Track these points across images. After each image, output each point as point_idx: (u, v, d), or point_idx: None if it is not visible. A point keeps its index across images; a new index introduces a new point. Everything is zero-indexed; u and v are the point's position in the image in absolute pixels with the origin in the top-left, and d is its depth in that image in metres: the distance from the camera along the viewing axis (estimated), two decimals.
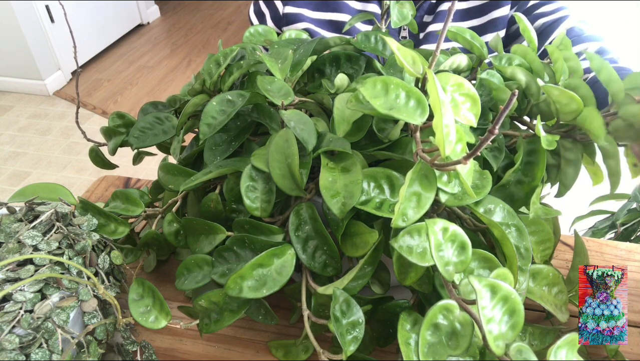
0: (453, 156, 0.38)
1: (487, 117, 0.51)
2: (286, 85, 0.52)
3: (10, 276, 0.45)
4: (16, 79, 2.71)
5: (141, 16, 3.44)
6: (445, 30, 0.40)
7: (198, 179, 0.50)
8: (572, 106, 0.45)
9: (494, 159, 0.48)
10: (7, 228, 0.49)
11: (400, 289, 0.50)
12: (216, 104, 0.52)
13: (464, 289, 0.37)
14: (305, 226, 0.47)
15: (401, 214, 0.39)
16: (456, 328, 0.37)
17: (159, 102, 0.67)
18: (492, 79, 0.51)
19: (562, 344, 0.34)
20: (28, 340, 0.43)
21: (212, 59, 0.59)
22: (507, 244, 0.42)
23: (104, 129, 0.66)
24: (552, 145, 0.45)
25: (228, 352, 0.55)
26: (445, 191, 0.41)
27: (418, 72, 0.42)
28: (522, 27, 0.56)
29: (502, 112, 0.30)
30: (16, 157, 2.27)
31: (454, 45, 0.77)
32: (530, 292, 0.46)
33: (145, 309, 0.47)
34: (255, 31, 0.67)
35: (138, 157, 0.69)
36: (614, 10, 2.16)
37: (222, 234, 0.50)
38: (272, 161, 0.46)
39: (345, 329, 0.42)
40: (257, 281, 0.44)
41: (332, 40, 0.61)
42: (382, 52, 0.59)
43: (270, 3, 0.89)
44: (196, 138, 0.58)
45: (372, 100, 0.40)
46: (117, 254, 0.54)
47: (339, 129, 0.48)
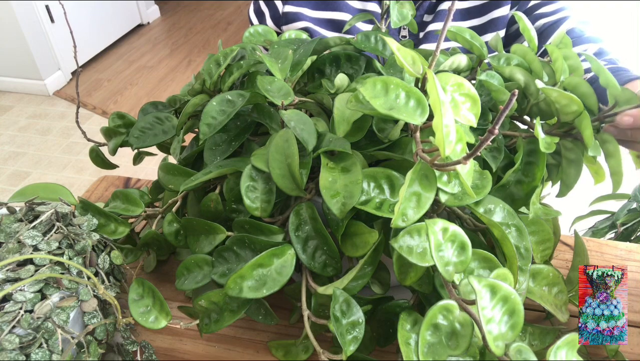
0: (453, 156, 0.38)
1: (487, 118, 0.51)
2: (286, 85, 0.52)
3: (10, 276, 0.45)
4: (16, 79, 2.71)
5: (141, 16, 3.44)
6: (445, 30, 0.40)
7: (198, 179, 0.50)
8: (572, 107, 0.45)
9: (493, 159, 0.48)
10: (7, 228, 0.49)
11: (400, 289, 0.50)
12: (216, 104, 0.52)
13: (464, 290, 0.37)
14: (305, 226, 0.47)
15: (401, 214, 0.39)
16: (456, 328, 0.37)
17: (159, 102, 0.67)
18: (491, 81, 0.51)
19: (562, 344, 0.34)
20: (28, 340, 0.43)
21: (212, 59, 0.59)
22: (507, 244, 0.42)
23: (104, 130, 0.67)
24: (551, 148, 0.45)
25: (228, 352, 0.55)
26: (445, 191, 0.41)
27: (418, 72, 0.42)
28: (522, 27, 0.56)
29: (502, 112, 0.30)
30: (16, 157, 2.27)
31: (454, 45, 0.77)
32: (530, 292, 0.46)
33: (145, 309, 0.47)
34: (255, 31, 0.67)
35: (138, 157, 0.69)
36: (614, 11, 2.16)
37: (222, 234, 0.50)
38: (272, 161, 0.46)
39: (345, 329, 0.42)
40: (257, 281, 0.44)
41: (332, 40, 0.61)
42: (382, 52, 0.59)
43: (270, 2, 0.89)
44: (196, 138, 0.58)
45: (372, 100, 0.40)
46: (117, 254, 0.54)
47: (339, 129, 0.48)
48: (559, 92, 0.45)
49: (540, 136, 0.45)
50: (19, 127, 2.46)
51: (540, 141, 0.45)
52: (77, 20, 2.84)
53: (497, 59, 0.55)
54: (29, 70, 2.66)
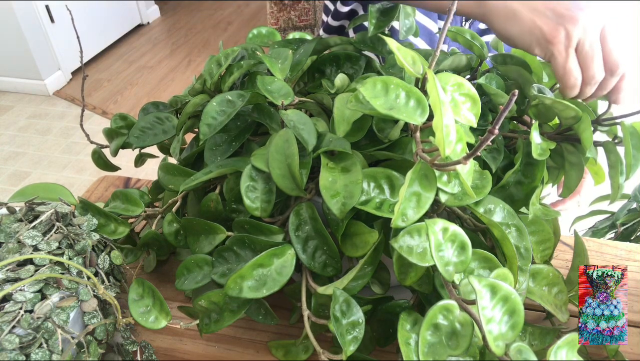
0: (453, 156, 0.38)
1: (486, 118, 0.51)
2: (286, 85, 0.52)
3: (10, 276, 0.45)
4: (16, 79, 2.71)
5: (141, 16, 3.44)
6: (445, 29, 0.40)
7: (198, 179, 0.50)
8: (570, 113, 0.45)
9: (492, 160, 0.48)
10: (7, 228, 0.49)
11: (400, 289, 0.50)
12: (216, 104, 0.52)
13: (464, 290, 0.37)
14: (305, 226, 0.47)
15: (401, 214, 0.39)
16: (456, 328, 0.37)
17: (160, 102, 0.67)
18: (490, 84, 0.51)
19: (562, 344, 0.34)
20: (28, 340, 0.43)
21: (213, 59, 0.59)
22: (507, 244, 0.42)
23: (106, 131, 0.67)
24: (545, 154, 0.45)
25: (228, 352, 0.55)
26: (445, 191, 0.41)
27: (418, 72, 0.42)
28: None
29: (502, 112, 0.30)
30: (16, 157, 2.27)
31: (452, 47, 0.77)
32: (530, 292, 0.46)
33: (145, 309, 0.47)
34: (258, 32, 0.68)
35: (140, 159, 0.69)
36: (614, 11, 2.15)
37: (222, 234, 0.50)
38: (272, 161, 0.46)
39: (345, 329, 0.42)
40: (257, 281, 0.44)
41: (332, 40, 0.61)
42: (381, 52, 0.59)
43: None
44: (196, 138, 0.58)
45: (372, 100, 0.40)
46: (117, 254, 0.54)
47: (339, 129, 0.48)
48: (552, 99, 0.45)
49: (535, 142, 0.45)
50: (19, 127, 2.46)
51: (534, 147, 0.45)
52: (77, 20, 2.83)
53: (494, 59, 0.55)
54: (29, 70, 2.65)
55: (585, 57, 0.46)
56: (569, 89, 0.47)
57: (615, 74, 0.47)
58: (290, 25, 1.12)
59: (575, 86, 0.47)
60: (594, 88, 0.48)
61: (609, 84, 0.48)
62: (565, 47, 0.46)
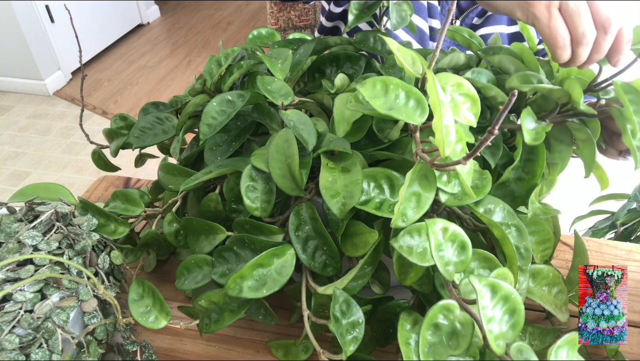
0: (453, 156, 0.38)
1: (484, 115, 0.51)
2: (286, 85, 0.52)
3: (10, 276, 0.45)
4: (16, 79, 2.70)
5: (141, 16, 3.44)
6: (445, 29, 0.40)
7: (198, 179, 0.50)
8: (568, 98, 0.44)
9: (491, 155, 0.48)
10: (7, 228, 0.49)
11: (400, 289, 0.50)
12: (216, 104, 0.52)
13: (464, 289, 0.37)
14: (305, 226, 0.47)
15: (401, 214, 0.39)
16: (456, 328, 0.37)
17: (160, 102, 0.67)
18: (478, 78, 0.51)
19: (562, 344, 0.34)
20: (28, 340, 0.43)
21: (213, 59, 0.59)
22: (507, 244, 0.42)
23: (106, 131, 0.67)
24: (540, 138, 0.44)
25: (228, 352, 0.55)
26: (445, 191, 0.41)
27: (418, 72, 0.42)
28: (521, 26, 0.56)
29: (502, 112, 0.30)
30: (16, 157, 2.27)
31: None
32: (530, 292, 0.46)
33: (145, 309, 0.47)
34: (258, 34, 0.68)
35: (140, 159, 0.69)
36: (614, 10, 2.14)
37: (222, 234, 0.50)
38: (272, 161, 0.46)
39: (345, 329, 0.42)
40: (257, 281, 0.44)
41: (332, 40, 0.61)
42: (381, 52, 0.59)
43: None
44: (196, 138, 0.58)
45: (372, 100, 0.40)
46: (117, 254, 0.54)
47: (339, 129, 0.48)
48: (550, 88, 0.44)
49: (527, 127, 0.44)
50: (19, 127, 2.46)
51: (527, 133, 0.44)
52: (77, 20, 2.84)
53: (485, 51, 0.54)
54: (29, 70, 2.65)
55: (571, 14, 0.43)
56: (559, 50, 0.44)
57: (608, 32, 0.43)
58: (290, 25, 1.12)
59: (564, 47, 0.44)
60: (587, 49, 0.44)
61: (604, 44, 0.44)
62: (547, 6, 0.43)
